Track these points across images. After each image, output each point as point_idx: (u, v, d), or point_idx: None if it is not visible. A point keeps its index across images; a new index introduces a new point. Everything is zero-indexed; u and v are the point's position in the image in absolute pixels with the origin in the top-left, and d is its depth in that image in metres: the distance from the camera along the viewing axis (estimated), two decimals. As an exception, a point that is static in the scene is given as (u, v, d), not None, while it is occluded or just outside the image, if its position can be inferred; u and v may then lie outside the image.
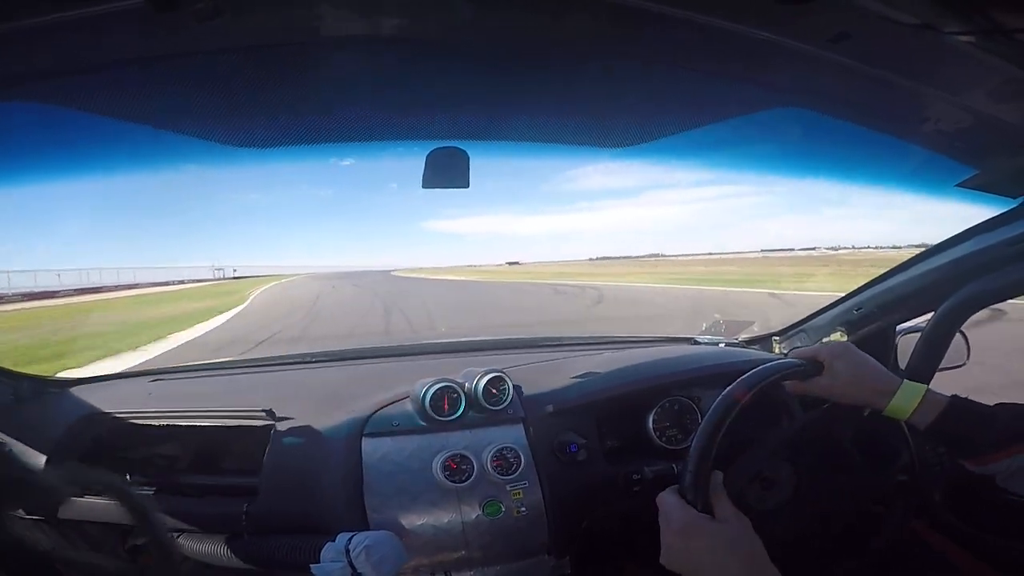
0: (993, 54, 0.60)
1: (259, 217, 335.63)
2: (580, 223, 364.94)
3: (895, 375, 0.83)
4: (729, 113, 0.84)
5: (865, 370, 0.84)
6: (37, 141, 0.81)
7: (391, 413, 1.14)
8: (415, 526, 1.03)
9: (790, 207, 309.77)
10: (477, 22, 0.65)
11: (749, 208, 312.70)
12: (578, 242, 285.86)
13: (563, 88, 0.79)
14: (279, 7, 0.62)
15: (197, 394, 1.32)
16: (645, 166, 1.16)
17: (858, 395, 0.84)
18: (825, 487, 1.03)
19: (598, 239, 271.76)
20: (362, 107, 0.85)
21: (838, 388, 0.85)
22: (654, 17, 0.59)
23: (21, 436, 1.19)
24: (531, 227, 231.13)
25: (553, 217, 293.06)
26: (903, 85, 0.69)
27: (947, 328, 1.13)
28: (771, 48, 0.63)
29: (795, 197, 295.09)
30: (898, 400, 0.80)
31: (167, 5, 0.51)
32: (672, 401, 1.26)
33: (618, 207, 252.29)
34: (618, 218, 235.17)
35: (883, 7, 0.55)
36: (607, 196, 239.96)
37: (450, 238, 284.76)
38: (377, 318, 11.56)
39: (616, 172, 44.37)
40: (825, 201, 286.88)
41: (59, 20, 0.56)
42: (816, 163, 1.00)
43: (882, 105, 0.76)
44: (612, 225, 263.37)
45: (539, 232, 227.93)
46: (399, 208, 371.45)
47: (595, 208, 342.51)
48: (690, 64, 0.72)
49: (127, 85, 0.71)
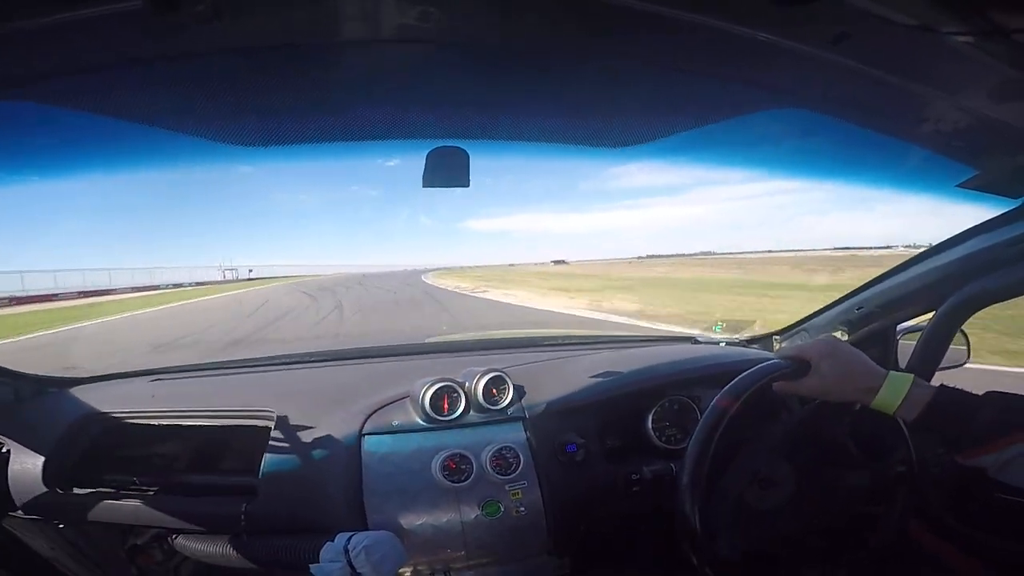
0: (993, 55, 0.60)
1: (272, 217, 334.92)
2: (625, 220, 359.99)
3: (881, 368, 0.83)
4: (729, 114, 0.84)
5: (852, 366, 0.84)
6: (37, 141, 0.81)
7: (391, 413, 1.14)
8: (414, 526, 1.03)
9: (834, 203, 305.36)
10: (477, 23, 0.65)
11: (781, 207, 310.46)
12: (621, 239, 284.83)
13: (565, 88, 0.79)
14: (279, 9, 0.62)
15: (197, 394, 1.32)
16: (689, 164, 1.17)
17: (846, 392, 0.84)
18: (824, 486, 1.04)
19: (645, 237, 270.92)
20: (362, 107, 0.85)
21: (826, 386, 0.85)
22: (653, 18, 0.59)
23: (21, 435, 1.20)
24: (574, 225, 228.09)
25: (595, 215, 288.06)
26: (903, 86, 0.69)
27: (948, 328, 1.13)
28: (771, 49, 0.63)
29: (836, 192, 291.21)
30: (884, 394, 0.80)
31: (167, 7, 0.51)
32: (671, 401, 1.26)
33: (664, 204, 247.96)
34: (665, 215, 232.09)
35: (883, 8, 0.55)
36: (654, 193, 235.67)
37: (491, 236, 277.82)
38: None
39: (660, 170, 43.23)
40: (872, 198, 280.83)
41: (59, 21, 0.56)
42: (816, 164, 1.00)
43: (882, 106, 0.76)
44: (658, 222, 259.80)
45: (581, 230, 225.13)
46: (439, 207, 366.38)
47: (640, 206, 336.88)
48: (689, 65, 0.72)
49: (127, 86, 0.71)
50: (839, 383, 0.84)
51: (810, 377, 0.85)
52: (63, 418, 1.23)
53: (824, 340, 0.89)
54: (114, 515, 1.18)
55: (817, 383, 0.85)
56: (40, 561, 1.27)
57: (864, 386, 0.82)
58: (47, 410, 1.28)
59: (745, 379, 0.88)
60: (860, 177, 1.04)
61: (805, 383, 0.86)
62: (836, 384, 0.84)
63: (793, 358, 0.88)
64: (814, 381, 0.85)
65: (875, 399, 0.80)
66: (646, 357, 1.46)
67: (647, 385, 1.27)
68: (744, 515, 1.00)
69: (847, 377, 0.83)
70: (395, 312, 12.97)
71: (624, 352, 1.54)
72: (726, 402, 0.86)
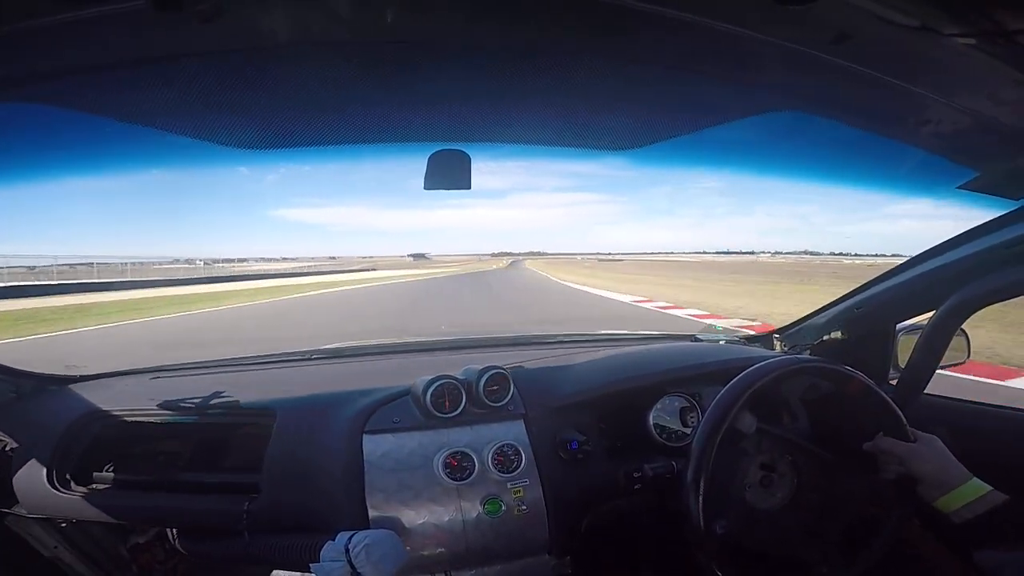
0: (993, 56, 0.60)
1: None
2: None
3: (967, 471, 0.88)
4: (730, 115, 0.84)
5: (950, 457, 0.91)
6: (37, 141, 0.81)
7: (392, 410, 1.14)
8: (415, 524, 1.03)
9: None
10: (477, 24, 0.65)
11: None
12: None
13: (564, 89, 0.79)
14: (280, 8, 0.62)
15: (198, 392, 1.32)
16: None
17: (932, 470, 0.90)
18: (825, 487, 1.04)
19: (479, 237, 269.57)
20: (362, 107, 0.85)
21: (921, 456, 0.91)
22: (653, 19, 0.59)
23: (23, 433, 1.20)
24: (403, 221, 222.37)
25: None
26: (903, 87, 0.69)
27: (947, 327, 1.13)
28: (771, 50, 0.63)
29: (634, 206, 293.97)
30: (962, 490, 0.86)
31: (169, 5, 0.51)
32: (672, 398, 1.26)
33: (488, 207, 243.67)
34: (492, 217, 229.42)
35: (883, 9, 0.55)
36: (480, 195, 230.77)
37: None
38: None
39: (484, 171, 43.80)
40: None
41: (60, 21, 0.56)
42: (817, 164, 1.00)
43: (882, 107, 0.76)
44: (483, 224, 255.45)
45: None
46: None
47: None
48: (690, 66, 0.72)
49: (128, 85, 0.71)
50: (933, 459, 0.90)
51: (916, 445, 0.93)
52: (65, 416, 1.23)
53: (934, 436, 0.95)
54: (116, 513, 1.18)
55: (914, 451, 0.92)
56: (42, 559, 1.27)
57: (949, 476, 0.88)
58: (49, 408, 1.28)
59: (749, 375, 0.89)
60: (859, 179, 1.04)
61: (907, 447, 0.93)
62: (931, 459, 0.91)
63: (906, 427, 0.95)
64: (914, 449, 0.92)
65: (950, 493, 0.87)
66: (647, 355, 1.46)
67: (648, 382, 1.27)
68: (746, 514, 1.00)
69: (942, 460, 0.90)
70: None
71: (625, 350, 1.54)
72: (731, 398, 0.87)
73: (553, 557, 1.13)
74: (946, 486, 0.87)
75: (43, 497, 1.16)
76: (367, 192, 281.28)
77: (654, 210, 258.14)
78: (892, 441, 0.94)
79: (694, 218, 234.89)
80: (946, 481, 0.87)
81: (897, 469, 0.93)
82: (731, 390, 0.93)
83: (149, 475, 1.25)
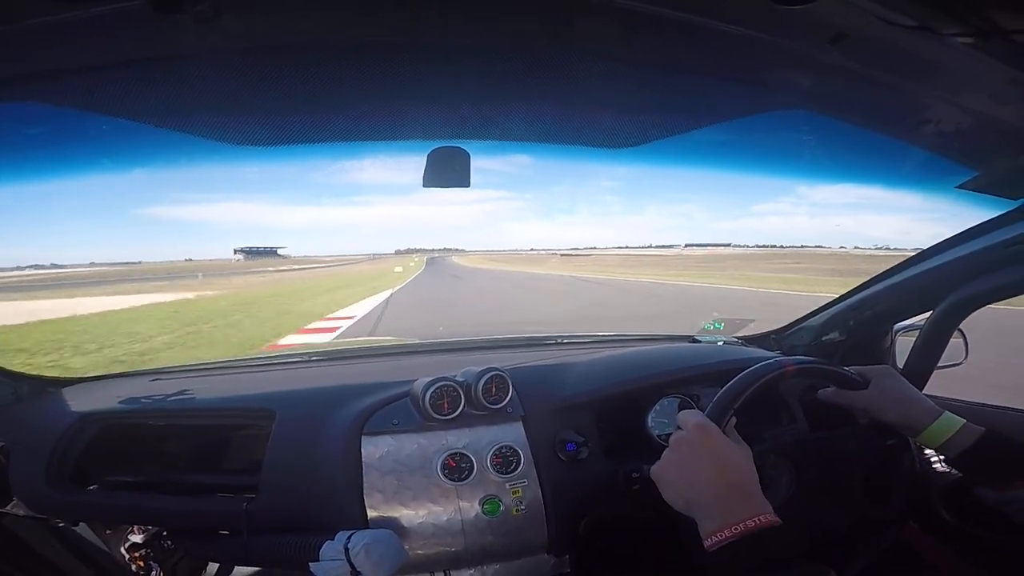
0: (992, 55, 0.60)
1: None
2: (354, 217, 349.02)
3: (936, 407, 0.86)
4: (730, 115, 0.85)
5: (911, 395, 0.87)
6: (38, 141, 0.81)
7: (390, 411, 1.14)
8: (414, 524, 1.03)
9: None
10: (476, 24, 0.65)
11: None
12: (356, 237, 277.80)
13: (563, 89, 0.79)
14: (279, 9, 0.62)
15: (197, 393, 1.32)
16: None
17: (897, 416, 0.86)
18: (824, 487, 1.04)
19: (378, 235, 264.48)
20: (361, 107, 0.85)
21: (880, 405, 0.87)
22: (653, 19, 0.59)
23: (21, 435, 1.19)
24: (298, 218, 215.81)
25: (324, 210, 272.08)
26: (902, 86, 0.69)
27: (945, 327, 1.14)
28: (770, 50, 0.63)
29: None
30: (934, 429, 0.83)
31: (168, 6, 0.51)
32: (672, 399, 1.26)
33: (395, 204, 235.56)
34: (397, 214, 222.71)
35: (881, 8, 0.55)
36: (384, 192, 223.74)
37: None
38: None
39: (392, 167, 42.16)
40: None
41: (60, 21, 0.56)
42: (817, 164, 1.01)
43: (881, 106, 0.77)
44: (391, 220, 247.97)
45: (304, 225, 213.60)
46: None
47: (371, 203, 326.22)
48: (688, 66, 0.72)
49: (128, 85, 0.71)
50: (894, 406, 0.86)
51: (868, 391, 0.88)
52: (63, 418, 1.22)
53: (885, 367, 0.92)
54: (114, 514, 1.18)
55: (873, 398, 0.87)
56: (40, 560, 1.27)
57: (916, 418, 0.85)
58: (47, 410, 1.27)
59: (817, 362, 0.89)
60: (859, 178, 1.04)
61: (861, 396, 0.88)
62: (891, 405, 0.87)
63: (855, 371, 0.90)
64: (870, 396, 0.88)
65: (925, 431, 0.83)
66: (645, 356, 1.46)
67: (647, 383, 1.27)
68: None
69: (903, 403, 0.86)
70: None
71: (623, 351, 1.54)
72: (790, 366, 0.86)
73: (552, 556, 1.14)
74: (918, 426, 0.84)
75: (42, 498, 1.15)
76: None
77: (555, 208, 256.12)
78: (844, 393, 0.90)
79: (593, 215, 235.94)
80: (914, 423, 0.84)
81: (866, 419, 0.91)
82: (782, 363, 0.93)
83: (148, 476, 1.25)
